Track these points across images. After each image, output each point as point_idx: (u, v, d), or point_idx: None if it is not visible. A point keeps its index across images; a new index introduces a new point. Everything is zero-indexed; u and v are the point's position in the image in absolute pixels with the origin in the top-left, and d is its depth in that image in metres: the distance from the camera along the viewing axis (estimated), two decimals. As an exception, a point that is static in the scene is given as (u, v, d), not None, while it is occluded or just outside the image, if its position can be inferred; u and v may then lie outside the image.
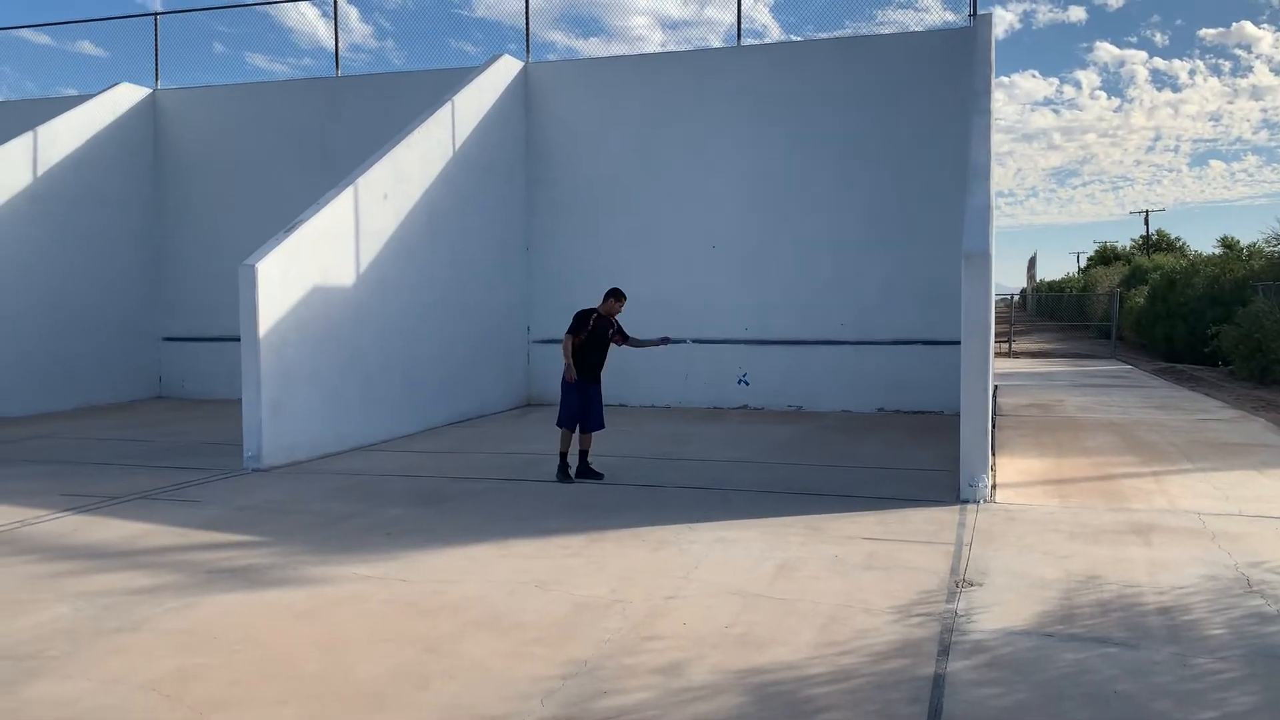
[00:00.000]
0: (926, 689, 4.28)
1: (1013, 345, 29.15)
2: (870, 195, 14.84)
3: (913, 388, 14.49)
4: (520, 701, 4.19)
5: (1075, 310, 45.43)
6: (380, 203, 12.29)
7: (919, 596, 5.57)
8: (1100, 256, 67.10)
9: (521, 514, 7.91)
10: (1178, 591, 5.59)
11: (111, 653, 4.85)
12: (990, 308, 8.54)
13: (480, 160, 14.69)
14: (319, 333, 10.95)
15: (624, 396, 15.74)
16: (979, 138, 10.47)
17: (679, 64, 15.86)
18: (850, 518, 7.59)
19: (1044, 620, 5.15)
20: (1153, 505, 7.83)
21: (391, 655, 4.77)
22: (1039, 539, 6.82)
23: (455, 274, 13.90)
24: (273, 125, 17.38)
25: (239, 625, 5.25)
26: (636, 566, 6.28)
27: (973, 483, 8.08)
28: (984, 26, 13.81)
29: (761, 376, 15.26)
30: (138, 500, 8.59)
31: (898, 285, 14.69)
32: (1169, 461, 9.81)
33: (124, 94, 17.37)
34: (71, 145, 16.12)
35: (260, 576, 6.17)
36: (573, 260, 16.05)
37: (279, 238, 10.69)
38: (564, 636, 4.99)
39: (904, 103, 14.67)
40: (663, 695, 4.24)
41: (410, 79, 16.71)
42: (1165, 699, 4.14)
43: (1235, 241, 35.93)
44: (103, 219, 16.66)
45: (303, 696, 4.31)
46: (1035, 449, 10.69)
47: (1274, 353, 17.48)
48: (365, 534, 7.25)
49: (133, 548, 6.95)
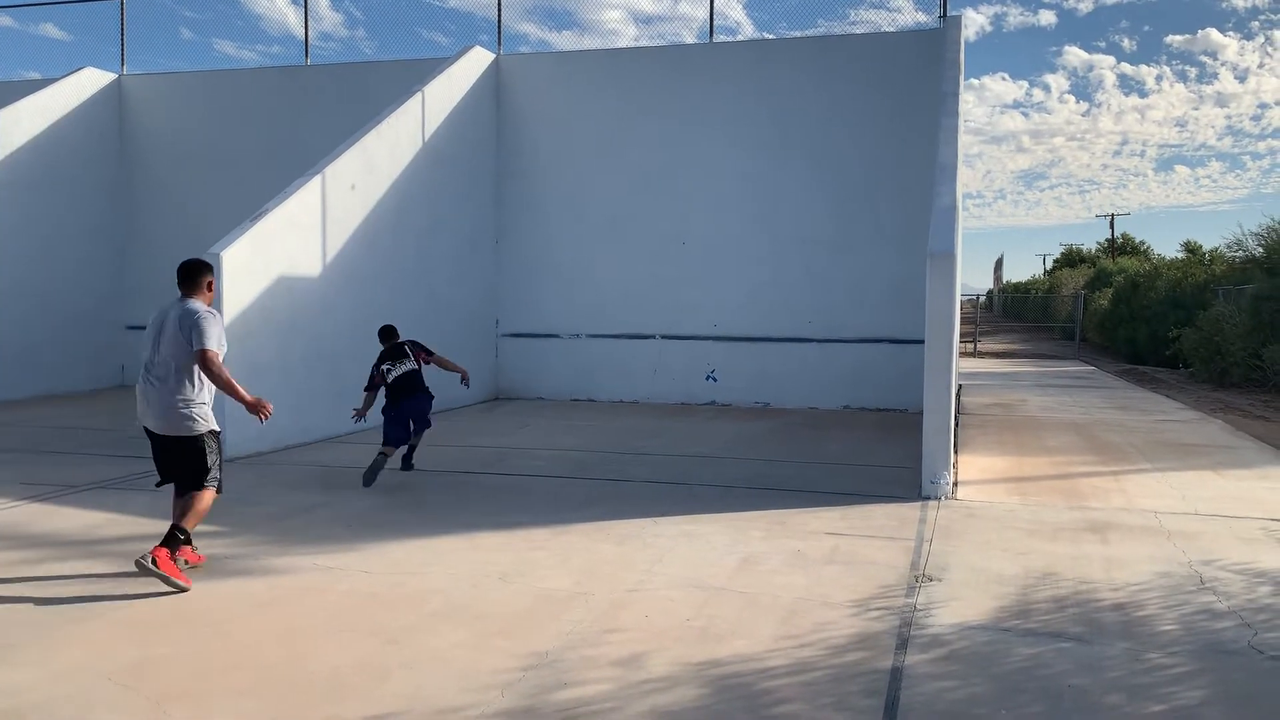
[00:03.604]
0: (884, 682, 4.33)
1: (978, 345, 29.43)
2: (839, 194, 14.93)
3: (878, 385, 14.61)
4: (480, 693, 4.20)
5: (1040, 312, 45.97)
6: (348, 193, 12.22)
7: (879, 591, 5.63)
8: (1066, 259, 67.93)
9: (486, 507, 7.91)
10: (1132, 588, 5.69)
11: (69, 642, 4.80)
12: (955, 308, 8.62)
13: (450, 152, 14.63)
14: (285, 323, 10.88)
15: (592, 392, 15.78)
16: (947, 139, 10.56)
17: (651, 60, 15.87)
18: (814, 513, 7.64)
19: (1001, 615, 5.22)
20: (1111, 504, 7.95)
21: (352, 646, 4.76)
22: (998, 536, 6.91)
23: (423, 266, 13.84)
24: (241, 113, 17.21)
25: (199, 615, 5.21)
26: (601, 560, 6.30)
27: (934, 480, 8.17)
28: (954, 28, 13.93)
29: (730, 373, 15.32)
30: (98, 489, 8.50)
31: (865, 284, 14.80)
32: (1128, 461, 9.95)
33: (88, 78, 17.14)
34: (34, 130, 15.89)
35: (221, 567, 6.13)
36: (542, 254, 16.04)
37: (245, 226, 10.61)
38: (526, 628, 5.00)
39: (875, 102, 14.77)
40: (622, 687, 4.26)
41: (380, 69, 16.61)
42: (1117, 693, 4.22)
43: (1198, 246, 36.60)
44: (65, 205, 16.44)
45: (262, 687, 4.29)
46: (997, 447, 10.81)
47: (1233, 356, 17.78)
48: (328, 525, 7.22)
49: (92, 537, 6.89)
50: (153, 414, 5.81)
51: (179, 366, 5.74)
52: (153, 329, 5.85)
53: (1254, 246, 21.15)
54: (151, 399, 5.79)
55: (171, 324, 5.76)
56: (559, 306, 16.00)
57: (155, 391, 5.77)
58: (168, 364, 5.75)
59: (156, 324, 5.85)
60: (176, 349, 5.72)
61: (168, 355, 5.75)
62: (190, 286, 5.94)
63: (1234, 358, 17.75)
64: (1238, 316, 18.32)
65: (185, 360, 5.72)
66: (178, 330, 5.72)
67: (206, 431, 5.84)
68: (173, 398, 5.73)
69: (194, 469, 5.83)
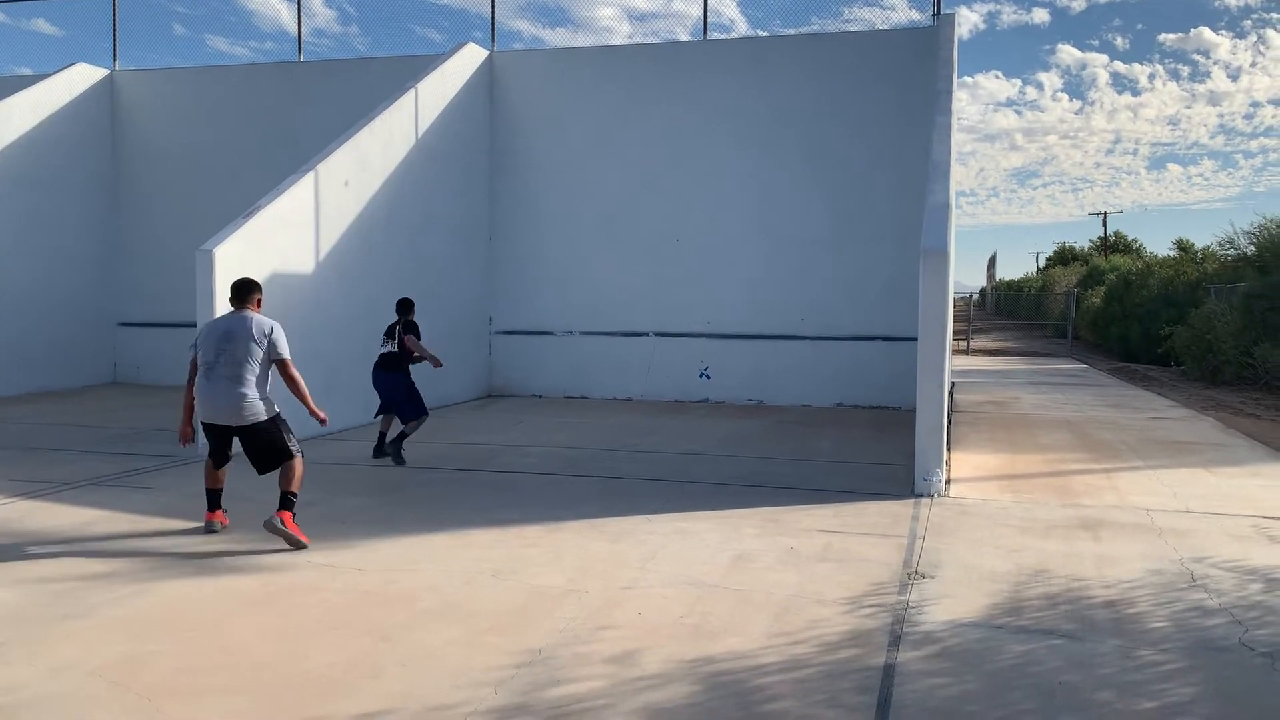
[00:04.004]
0: (876, 679, 4.34)
1: (971, 343, 29.48)
2: (833, 191, 14.94)
3: (871, 383, 14.63)
4: (473, 690, 4.19)
5: (1033, 309, 46.08)
6: (341, 189, 12.20)
7: (871, 588, 5.64)
8: (1059, 257, 68.06)
9: (479, 504, 7.91)
10: (1124, 585, 5.71)
11: (60, 639, 4.79)
12: (948, 305, 8.64)
13: (443, 149, 14.61)
14: (277, 320, 10.80)
15: (586, 389, 15.78)
16: (940, 136, 10.57)
17: (645, 57, 15.86)
18: (807, 510, 7.65)
19: (993, 612, 5.24)
20: (1103, 501, 7.97)
21: (345, 644, 4.75)
22: (991, 533, 6.92)
23: (417, 263, 13.82)
24: (234, 109, 17.17)
25: (191, 613, 5.20)
26: (594, 557, 6.30)
27: (927, 477, 8.18)
28: (947, 26, 13.95)
29: (723, 370, 15.33)
30: (90, 486, 8.48)
31: (859, 281, 14.82)
32: (1120, 459, 9.98)
33: (81, 74, 17.07)
34: (26, 125, 15.83)
35: (213, 564, 6.13)
36: (536, 251, 16.03)
37: (237, 223, 10.58)
38: (519, 626, 5.00)
39: (869, 100, 14.78)
40: (615, 684, 4.26)
41: (374, 65, 16.57)
42: (1108, 689, 4.23)
43: (1190, 244, 36.72)
44: (58, 201, 16.39)
45: (255, 684, 4.29)
46: (990, 445, 10.83)
47: (1224, 354, 17.84)
48: (321, 523, 7.20)
49: (84, 534, 6.87)
50: (225, 409, 6.62)
51: (250, 367, 6.62)
52: (212, 336, 6.69)
53: (1246, 245, 21.27)
54: (220, 396, 6.61)
55: (242, 332, 6.65)
56: (553, 304, 15.99)
57: (224, 389, 6.60)
58: (240, 365, 6.60)
59: (218, 331, 6.69)
60: (249, 353, 6.63)
61: (241, 357, 6.60)
62: (242, 300, 6.84)
63: (1226, 355, 17.81)
64: (1229, 314, 18.39)
65: (257, 363, 6.64)
66: (250, 338, 6.63)
67: (274, 415, 6.76)
68: (244, 392, 6.59)
69: (276, 447, 6.74)
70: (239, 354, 6.61)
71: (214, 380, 6.62)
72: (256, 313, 6.88)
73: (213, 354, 6.65)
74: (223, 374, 6.60)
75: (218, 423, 6.69)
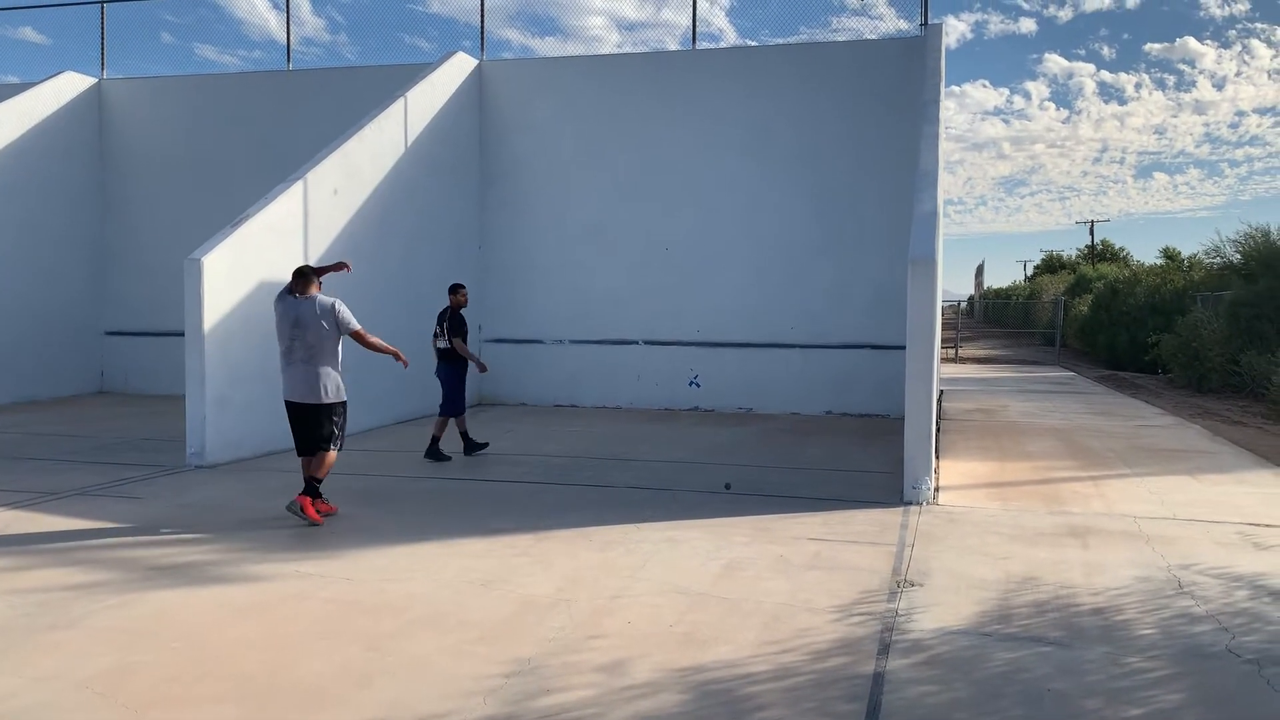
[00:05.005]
0: (865, 687, 4.35)
1: (959, 351, 29.58)
2: (822, 200, 14.98)
3: (860, 391, 14.66)
4: (462, 699, 4.19)
5: (1021, 317, 46.24)
6: (330, 198, 12.18)
7: (861, 596, 5.65)
8: (1046, 265, 68.30)
9: (469, 513, 7.89)
10: (1112, 592, 5.73)
11: (45, 649, 4.76)
12: (936, 314, 8.66)
13: (433, 157, 14.61)
14: (266, 330, 10.73)
15: (576, 397, 15.77)
16: (928, 146, 10.62)
17: (634, 66, 15.90)
18: (796, 518, 7.66)
19: (982, 620, 5.25)
20: (1091, 509, 8.00)
21: (333, 653, 4.74)
22: (979, 541, 6.94)
23: (406, 271, 13.80)
24: (223, 118, 17.12)
25: (178, 623, 5.18)
26: (583, 566, 6.30)
27: (916, 485, 8.20)
28: (934, 36, 14.01)
29: (713, 378, 15.34)
30: (77, 496, 8.44)
31: (847, 290, 14.86)
32: (1108, 466, 10.02)
33: (68, 82, 17.02)
34: (13, 134, 15.77)
35: (201, 574, 6.10)
36: (525, 259, 16.03)
37: (226, 232, 10.56)
38: (508, 635, 4.99)
39: (856, 109, 14.84)
40: (604, 693, 4.26)
41: (363, 74, 16.57)
42: (1096, 697, 4.25)
43: (1177, 252, 36.84)
44: (45, 210, 16.32)
45: (242, 694, 4.27)
46: (978, 453, 10.87)
47: (1211, 361, 17.92)
48: (309, 532, 7.18)
49: (71, 544, 6.83)
50: (303, 388, 7.34)
51: (323, 347, 7.32)
52: (285, 322, 7.37)
53: (1231, 253, 21.36)
54: (298, 376, 7.35)
55: (309, 317, 7.31)
56: (543, 312, 15.99)
57: (303, 369, 7.33)
58: (314, 346, 7.30)
59: (288, 318, 7.36)
60: (320, 334, 7.30)
61: (314, 340, 7.29)
62: (304, 286, 7.48)
63: (1212, 363, 17.90)
64: (1216, 322, 18.48)
65: (329, 341, 7.34)
66: (319, 320, 7.29)
67: (340, 401, 7.46)
68: (320, 370, 7.32)
69: (325, 434, 7.42)
70: (309, 338, 7.29)
71: (293, 364, 7.34)
72: (318, 293, 7.51)
73: (287, 340, 7.35)
74: (299, 357, 7.31)
75: (297, 400, 7.38)
